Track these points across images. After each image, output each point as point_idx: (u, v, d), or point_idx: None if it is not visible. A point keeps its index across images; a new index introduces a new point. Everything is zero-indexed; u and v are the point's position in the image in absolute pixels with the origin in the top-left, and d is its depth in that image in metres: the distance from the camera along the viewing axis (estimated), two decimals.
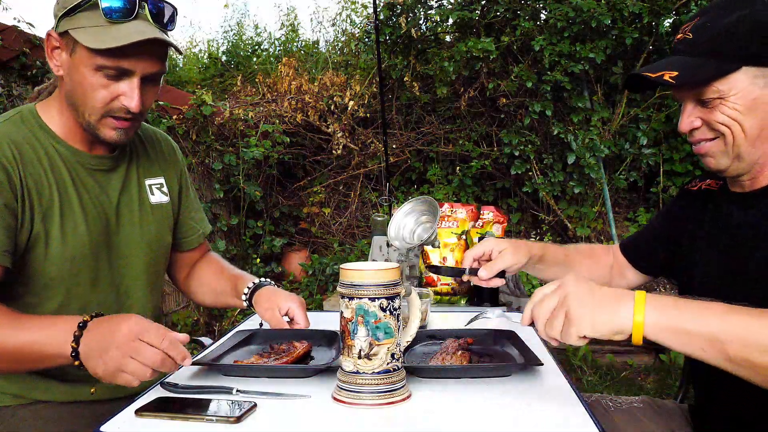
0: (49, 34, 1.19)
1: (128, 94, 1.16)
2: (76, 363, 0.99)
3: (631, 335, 0.86)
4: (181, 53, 1.21)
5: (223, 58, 7.02)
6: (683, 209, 1.34)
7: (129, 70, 1.15)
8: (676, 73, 1.05)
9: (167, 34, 1.19)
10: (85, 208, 1.25)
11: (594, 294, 0.89)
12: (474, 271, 1.26)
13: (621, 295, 0.88)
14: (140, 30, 1.12)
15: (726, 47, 1.04)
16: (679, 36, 1.12)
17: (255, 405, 0.94)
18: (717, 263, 1.21)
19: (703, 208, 1.29)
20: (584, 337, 0.87)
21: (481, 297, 1.90)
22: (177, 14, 1.22)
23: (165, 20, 1.18)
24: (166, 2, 1.19)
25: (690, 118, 1.11)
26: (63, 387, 1.27)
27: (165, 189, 1.42)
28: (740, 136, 1.07)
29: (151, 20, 1.15)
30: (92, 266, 1.26)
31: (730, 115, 1.06)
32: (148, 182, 1.38)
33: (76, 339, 0.98)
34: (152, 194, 1.37)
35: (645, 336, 0.85)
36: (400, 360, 0.98)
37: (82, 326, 0.99)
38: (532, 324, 0.94)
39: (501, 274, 1.26)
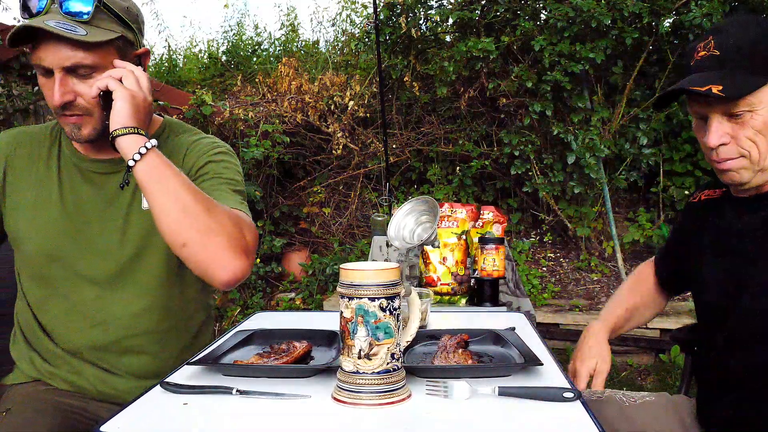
0: None
1: (52, 89, 1.17)
2: None
3: None
4: (81, 41, 1.16)
5: (223, 58, 7.02)
6: (688, 222, 1.40)
7: (46, 67, 1.17)
8: (721, 87, 1.09)
9: (87, 25, 1.16)
10: (65, 206, 1.30)
11: None
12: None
13: None
14: (37, 23, 1.12)
15: (756, 62, 1.10)
16: (702, 53, 1.16)
17: None
18: (723, 271, 1.24)
19: (706, 217, 1.33)
20: None
21: (481, 297, 1.90)
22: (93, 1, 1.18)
23: (71, 10, 1.16)
24: None
25: (719, 132, 1.14)
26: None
27: None
28: (765, 150, 1.12)
29: (62, 12, 1.15)
30: (71, 263, 1.29)
31: (758, 128, 1.11)
32: None
33: None
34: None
35: None
36: (400, 360, 0.98)
37: None
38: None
39: None
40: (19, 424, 1.20)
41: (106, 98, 1.17)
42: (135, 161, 1.11)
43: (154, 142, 1.13)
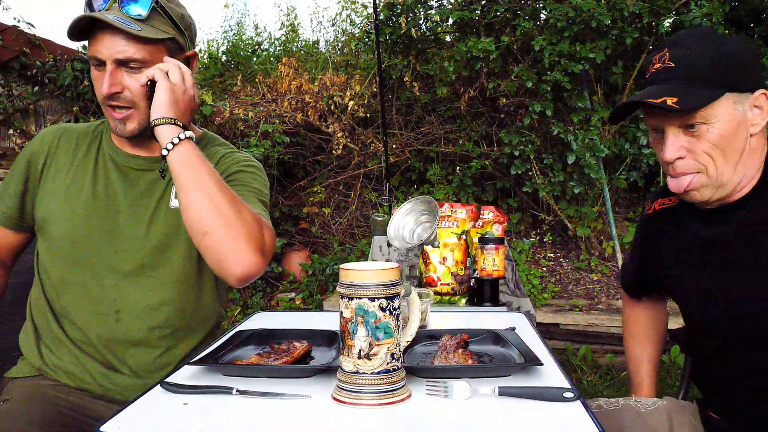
0: None
1: (103, 80, 1.25)
2: None
3: None
4: (134, 35, 1.23)
5: (223, 58, 7.02)
6: (646, 234, 1.40)
7: (100, 59, 1.25)
8: (675, 99, 1.08)
9: (143, 23, 1.25)
10: (96, 195, 1.35)
11: None
12: None
13: None
14: (97, 15, 1.21)
15: (711, 74, 1.10)
16: (658, 65, 1.16)
17: None
18: (693, 280, 1.25)
19: (662, 228, 1.33)
20: None
21: (481, 297, 1.90)
22: (152, 2, 1.26)
23: (129, 9, 1.24)
24: None
25: (675, 146, 1.13)
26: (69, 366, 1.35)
27: None
28: (722, 165, 1.11)
29: (120, 9, 1.24)
30: (95, 248, 1.33)
31: (714, 141, 1.10)
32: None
33: None
34: (175, 198, 1.37)
35: None
36: (400, 360, 0.98)
37: None
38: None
39: None
40: (14, 413, 1.22)
41: (152, 90, 1.25)
42: (168, 150, 1.18)
43: (189, 133, 1.21)
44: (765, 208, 1.14)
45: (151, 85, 1.25)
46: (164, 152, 1.19)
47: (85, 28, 1.24)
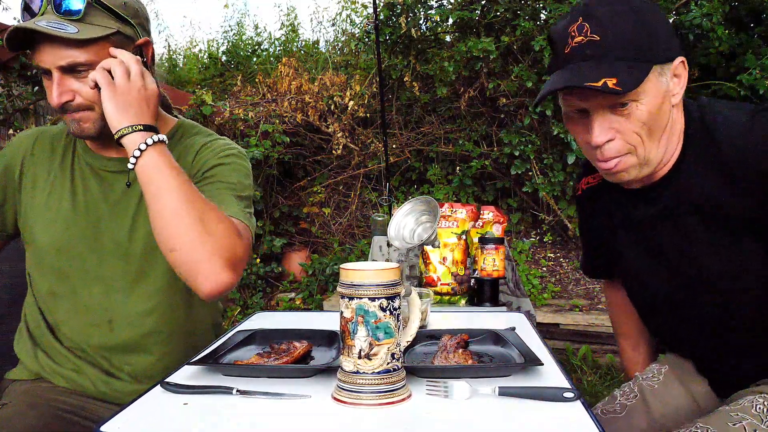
0: None
1: (51, 90, 1.18)
2: None
3: None
4: (73, 39, 1.15)
5: (223, 58, 7.03)
6: (582, 215, 1.40)
7: (45, 68, 1.17)
8: (615, 80, 0.98)
9: (80, 23, 1.16)
10: (76, 203, 1.31)
11: None
12: None
13: None
14: (28, 24, 1.12)
15: (639, 47, 1.00)
16: (579, 38, 1.03)
17: None
18: (636, 257, 1.24)
19: (594, 207, 1.31)
20: None
21: (481, 297, 1.90)
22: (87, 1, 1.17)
23: (62, 9, 1.16)
24: None
25: (604, 128, 1.05)
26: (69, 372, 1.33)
27: None
28: (649, 142, 1.05)
29: (54, 12, 1.15)
30: (80, 258, 1.30)
31: (644, 119, 1.03)
32: None
33: None
34: None
35: None
36: (400, 360, 0.98)
37: None
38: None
39: None
40: (13, 418, 1.21)
41: None
42: (133, 165, 1.12)
43: (155, 137, 1.13)
44: (684, 185, 1.10)
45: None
46: (130, 166, 1.12)
47: (24, 38, 1.15)
